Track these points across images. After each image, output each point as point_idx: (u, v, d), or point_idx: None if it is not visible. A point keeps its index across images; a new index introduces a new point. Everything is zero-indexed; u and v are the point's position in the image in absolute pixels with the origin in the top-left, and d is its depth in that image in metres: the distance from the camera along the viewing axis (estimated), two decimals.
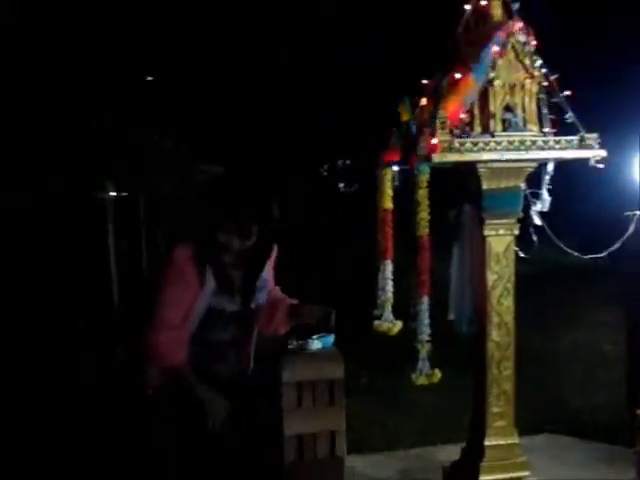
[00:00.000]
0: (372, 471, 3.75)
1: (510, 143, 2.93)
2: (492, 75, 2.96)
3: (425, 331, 2.95)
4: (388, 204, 3.34)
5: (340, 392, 3.11)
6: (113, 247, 7.10)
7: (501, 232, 3.14)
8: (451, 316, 3.33)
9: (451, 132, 2.90)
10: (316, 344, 3.15)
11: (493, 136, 2.96)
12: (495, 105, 3.00)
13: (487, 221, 3.12)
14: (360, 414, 4.69)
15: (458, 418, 4.06)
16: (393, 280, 3.36)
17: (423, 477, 3.58)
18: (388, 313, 3.34)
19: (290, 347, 3.18)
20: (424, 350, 2.96)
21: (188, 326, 2.71)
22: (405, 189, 3.27)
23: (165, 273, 2.71)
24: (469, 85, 2.92)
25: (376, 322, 3.35)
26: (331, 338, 3.22)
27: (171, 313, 2.67)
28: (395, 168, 3.28)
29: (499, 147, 2.92)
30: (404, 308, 3.27)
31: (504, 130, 2.99)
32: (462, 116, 2.94)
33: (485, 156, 2.91)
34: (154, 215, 7.35)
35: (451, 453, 3.50)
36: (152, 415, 2.76)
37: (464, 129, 2.97)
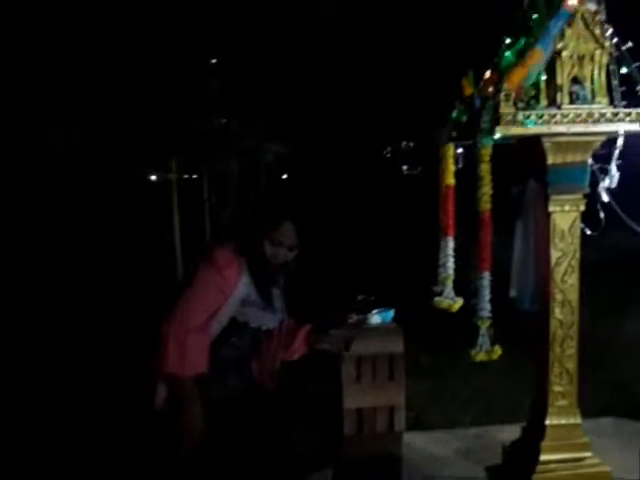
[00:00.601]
0: (431, 448, 3.75)
1: (577, 116, 2.85)
2: (560, 46, 2.88)
3: (486, 307, 2.91)
4: (450, 180, 3.29)
5: (400, 367, 3.12)
6: (178, 227, 7.25)
7: (566, 208, 3.06)
8: (513, 293, 3.28)
9: (515, 105, 2.84)
10: (376, 319, 3.17)
11: (560, 109, 2.88)
12: (562, 77, 2.91)
13: (552, 197, 3.05)
14: (420, 393, 4.70)
15: (519, 398, 4.02)
16: (454, 257, 3.33)
17: (483, 456, 3.55)
18: (449, 290, 3.31)
19: (350, 322, 3.20)
20: (484, 326, 2.93)
21: (209, 333, 2.51)
22: (468, 165, 3.23)
23: (201, 271, 2.53)
24: (535, 56, 2.84)
25: (437, 299, 3.33)
26: (391, 313, 3.22)
27: (198, 315, 2.47)
28: (459, 150, 3.24)
29: (565, 120, 2.84)
30: (465, 285, 3.25)
31: (571, 103, 2.91)
32: (527, 88, 2.87)
33: (550, 129, 2.84)
34: (220, 196, 7.46)
35: (512, 433, 3.45)
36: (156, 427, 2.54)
37: (529, 102, 2.90)
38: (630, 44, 2.90)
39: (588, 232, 3.18)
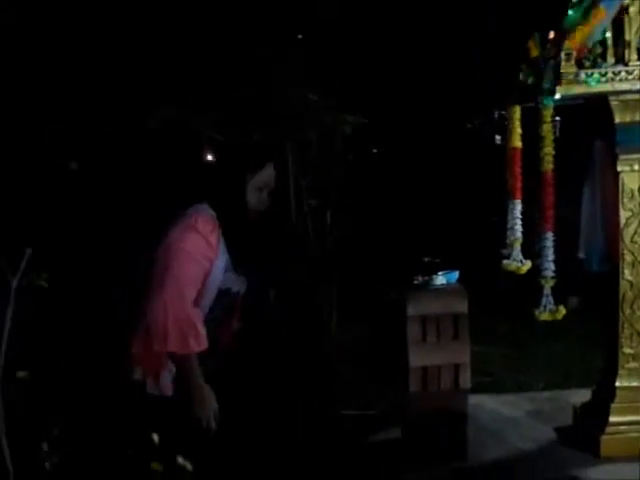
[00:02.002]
0: (503, 410, 3.79)
1: None
2: (627, 2, 2.83)
3: (549, 267, 2.93)
4: (517, 143, 3.29)
5: (464, 326, 3.18)
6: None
7: (636, 167, 3.02)
8: (581, 254, 3.26)
9: (579, 64, 2.82)
10: (440, 279, 3.24)
11: (626, 66, 2.83)
12: (630, 33, 2.86)
13: (620, 156, 3.01)
14: (494, 360, 4.72)
15: (591, 364, 4.00)
16: (522, 220, 3.34)
17: (553, 417, 3.56)
18: (517, 252, 3.33)
19: (415, 282, 3.29)
20: (548, 285, 2.95)
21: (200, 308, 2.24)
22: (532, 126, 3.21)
23: (181, 241, 2.20)
24: (599, 14, 2.80)
25: (505, 261, 3.35)
26: (455, 274, 3.29)
27: (190, 289, 2.18)
28: (557, 118, 3.22)
29: (630, 77, 2.79)
30: (533, 249, 3.25)
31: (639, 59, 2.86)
32: (593, 47, 2.84)
33: (614, 87, 2.80)
34: (299, 167, 7.61)
35: (583, 397, 3.46)
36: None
37: (596, 61, 2.87)
38: None
39: None
